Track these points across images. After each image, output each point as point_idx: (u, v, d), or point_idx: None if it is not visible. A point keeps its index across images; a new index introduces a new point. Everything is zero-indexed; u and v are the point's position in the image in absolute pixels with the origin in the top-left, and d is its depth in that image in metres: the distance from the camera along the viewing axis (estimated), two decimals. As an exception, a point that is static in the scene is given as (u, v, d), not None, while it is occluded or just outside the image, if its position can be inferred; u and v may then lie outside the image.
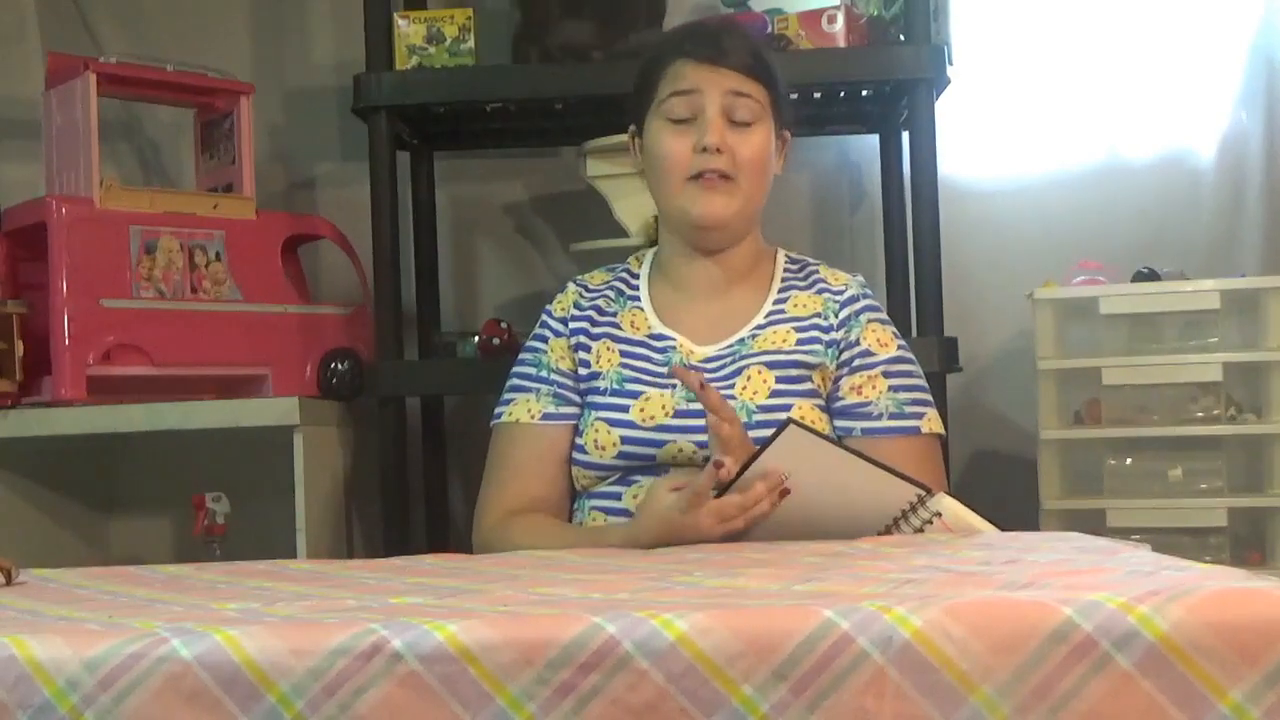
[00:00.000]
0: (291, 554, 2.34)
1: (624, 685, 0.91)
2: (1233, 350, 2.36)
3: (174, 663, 0.93)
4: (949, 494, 1.70)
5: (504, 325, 2.43)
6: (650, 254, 2.03)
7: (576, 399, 1.93)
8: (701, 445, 1.79)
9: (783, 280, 1.96)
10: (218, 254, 2.47)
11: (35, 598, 1.26)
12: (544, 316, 2.01)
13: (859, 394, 1.86)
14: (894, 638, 0.91)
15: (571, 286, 2.02)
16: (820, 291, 1.93)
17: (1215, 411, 2.35)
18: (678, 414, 1.84)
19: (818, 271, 1.97)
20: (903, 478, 1.66)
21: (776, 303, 1.93)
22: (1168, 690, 0.90)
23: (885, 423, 1.86)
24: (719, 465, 1.59)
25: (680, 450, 1.83)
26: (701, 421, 1.72)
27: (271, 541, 2.34)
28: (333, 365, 2.52)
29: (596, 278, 2.03)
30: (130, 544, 2.82)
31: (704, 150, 1.84)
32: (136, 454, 2.81)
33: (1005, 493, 2.20)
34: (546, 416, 1.93)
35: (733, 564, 1.37)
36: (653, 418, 1.84)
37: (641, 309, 1.96)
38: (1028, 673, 0.91)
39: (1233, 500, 2.34)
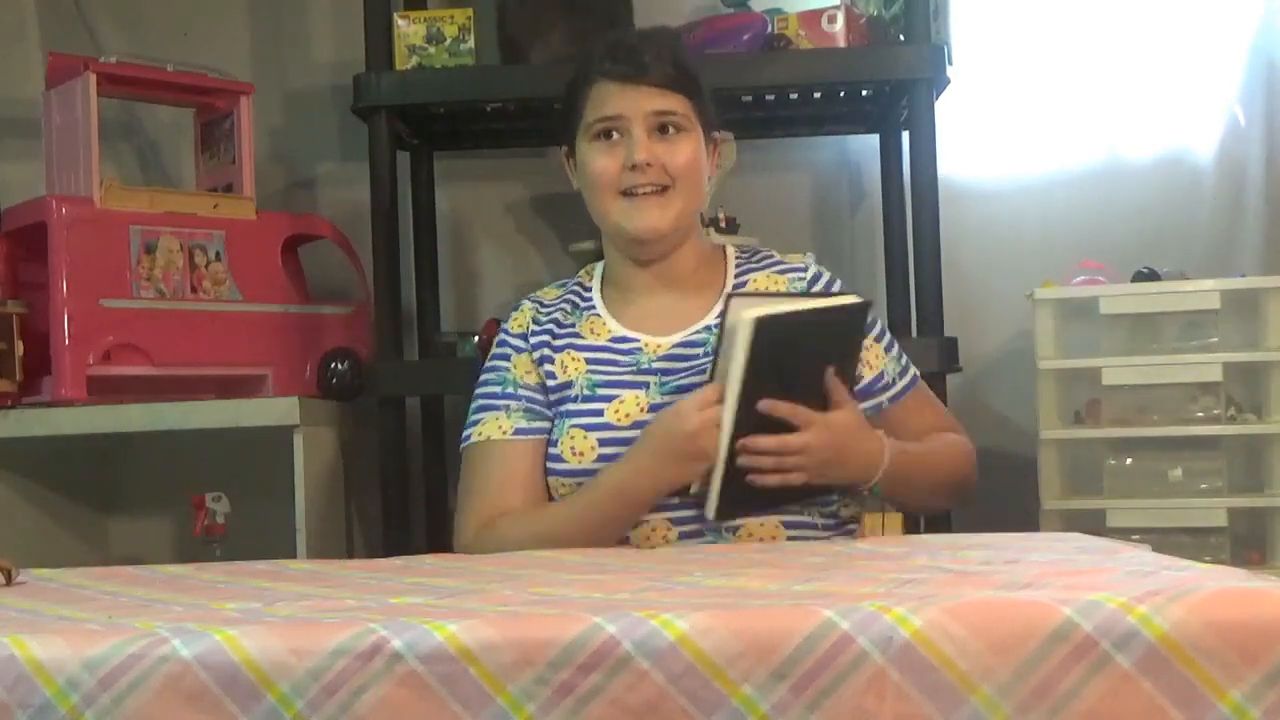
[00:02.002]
0: (291, 554, 2.34)
1: (624, 685, 0.91)
2: (1233, 350, 2.36)
3: (174, 663, 0.93)
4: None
5: (496, 339, 2.42)
6: (599, 267, 2.04)
7: (547, 412, 1.91)
8: None
9: (736, 267, 1.97)
10: (218, 254, 2.47)
11: (35, 598, 1.26)
12: (502, 335, 1.99)
13: (870, 368, 1.92)
14: (894, 638, 0.91)
15: (526, 304, 2.01)
16: (782, 271, 1.95)
17: (1215, 411, 2.35)
18: (652, 409, 1.84)
19: (771, 255, 2.00)
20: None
21: (736, 288, 1.94)
22: (1168, 690, 0.90)
23: (900, 383, 1.94)
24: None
25: None
26: None
27: (271, 541, 2.34)
28: (333, 365, 2.52)
29: (549, 293, 2.03)
30: (130, 544, 2.82)
31: (633, 168, 1.86)
32: (136, 454, 2.81)
33: (1005, 493, 2.20)
34: (519, 431, 1.90)
35: (733, 564, 1.37)
36: (628, 415, 1.84)
37: (599, 316, 1.95)
38: (1028, 673, 0.91)
39: (1233, 500, 2.34)
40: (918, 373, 1.97)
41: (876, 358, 1.92)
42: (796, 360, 1.73)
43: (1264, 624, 0.91)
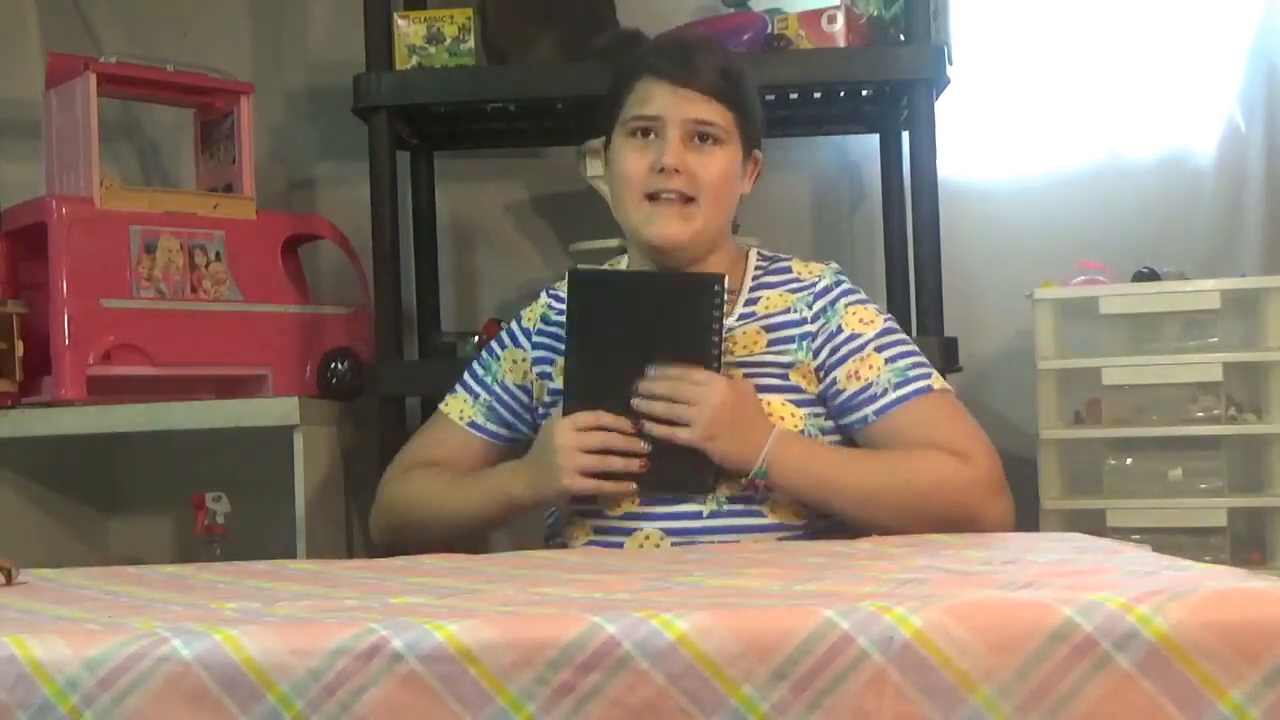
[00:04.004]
0: (291, 554, 2.34)
1: (624, 685, 0.91)
2: (1233, 350, 2.36)
3: (174, 663, 0.93)
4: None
5: (504, 325, 2.43)
6: (623, 261, 2.02)
7: (511, 420, 1.97)
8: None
9: (753, 279, 1.92)
10: (218, 254, 2.47)
11: (35, 598, 1.26)
12: (512, 323, 2.03)
13: (857, 379, 1.80)
14: (894, 638, 0.91)
15: (543, 297, 2.01)
16: (794, 289, 1.89)
17: (1215, 411, 2.35)
18: None
19: (790, 267, 1.93)
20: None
21: (747, 304, 1.90)
22: (1168, 690, 0.90)
23: (894, 394, 1.79)
24: None
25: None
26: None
27: (271, 541, 2.34)
28: (333, 365, 2.52)
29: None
30: (130, 544, 2.82)
31: (661, 170, 1.82)
32: (136, 454, 2.81)
33: (1005, 493, 2.20)
34: (473, 425, 1.98)
35: (733, 564, 1.37)
36: None
37: None
38: (1028, 673, 0.91)
39: (1233, 500, 2.34)
40: (933, 385, 1.82)
41: (870, 369, 1.81)
42: (639, 327, 1.76)
43: (1264, 624, 0.91)
